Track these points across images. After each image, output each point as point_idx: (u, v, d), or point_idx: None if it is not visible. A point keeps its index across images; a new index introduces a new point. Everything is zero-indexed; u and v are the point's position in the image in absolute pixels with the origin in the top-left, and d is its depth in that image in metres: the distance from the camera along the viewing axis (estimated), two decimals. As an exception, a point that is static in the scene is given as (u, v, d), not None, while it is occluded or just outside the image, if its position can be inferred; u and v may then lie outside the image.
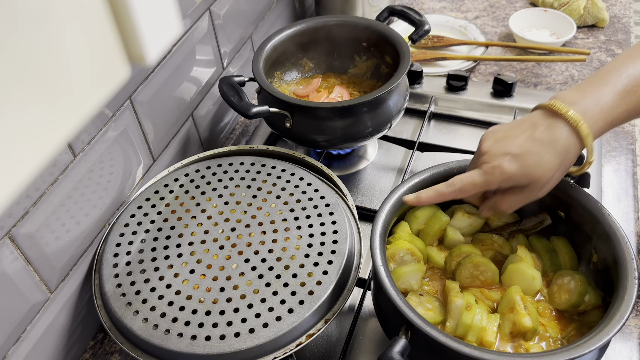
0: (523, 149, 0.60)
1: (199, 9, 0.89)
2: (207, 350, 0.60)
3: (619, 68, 0.62)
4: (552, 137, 0.60)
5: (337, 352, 0.74)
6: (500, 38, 1.26)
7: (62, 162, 0.66)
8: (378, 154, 1.01)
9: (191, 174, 0.80)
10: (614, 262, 0.62)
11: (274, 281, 0.65)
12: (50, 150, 0.23)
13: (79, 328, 0.75)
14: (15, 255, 0.62)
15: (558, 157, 0.60)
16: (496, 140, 0.63)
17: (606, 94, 0.61)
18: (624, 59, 0.63)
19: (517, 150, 0.61)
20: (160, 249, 0.70)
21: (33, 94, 0.21)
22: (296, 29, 0.98)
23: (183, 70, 0.88)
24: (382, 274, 0.60)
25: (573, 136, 0.60)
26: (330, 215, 0.72)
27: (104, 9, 0.23)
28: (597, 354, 0.60)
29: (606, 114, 0.61)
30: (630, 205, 0.88)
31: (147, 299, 0.64)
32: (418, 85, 1.09)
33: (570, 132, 0.60)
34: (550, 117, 0.61)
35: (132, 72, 0.57)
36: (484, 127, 1.04)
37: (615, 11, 1.29)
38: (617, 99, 0.61)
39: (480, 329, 0.63)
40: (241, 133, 1.10)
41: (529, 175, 0.61)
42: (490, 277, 0.69)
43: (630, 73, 0.62)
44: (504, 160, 0.61)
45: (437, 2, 1.38)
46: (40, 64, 0.21)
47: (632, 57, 0.63)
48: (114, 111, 0.75)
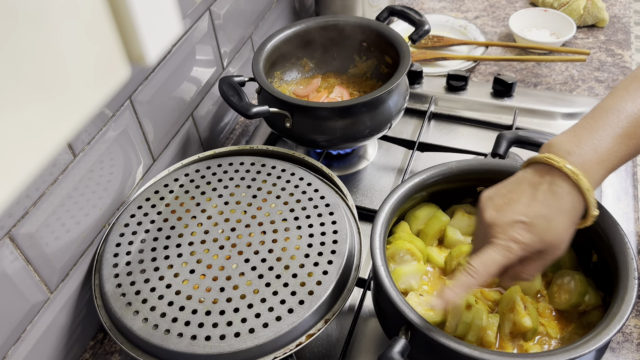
0: (531, 215, 0.55)
1: (199, 9, 0.89)
2: (207, 350, 0.60)
3: (617, 107, 0.57)
4: (555, 197, 0.55)
5: (337, 352, 0.74)
6: (500, 38, 1.26)
7: (62, 162, 0.66)
8: (378, 154, 1.01)
9: (191, 174, 0.80)
10: (614, 262, 0.62)
11: (274, 281, 0.65)
12: (50, 150, 0.23)
13: (79, 328, 0.75)
14: (15, 255, 0.62)
15: (567, 215, 0.56)
16: (497, 208, 0.57)
17: (604, 139, 0.56)
18: (621, 93, 0.58)
19: (525, 218, 0.55)
20: (160, 249, 0.70)
21: (32, 94, 0.21)
22: (296, 29, 0.98)
23: (183, 70, 0.88)
24: (382, 274, 0.60)
25: (574, 191, 0.55)
26: (330, 215, 0.72)
27: (103, 9, 0.23)
28: (596, 354, 0.60)
29: (605, 162, 0.56)
30: (630, 205, 0.88)
31: (147, 299, 0.64)
32: (418, 85, 1.09)
33: (572, 187, 0.55)
34: (547, 174, 0.56)
35: (132, 72, 0.57)
36: (484, 127, 1.04)
37: (615, 11, 1.29)
38: (616, 144, 0.56)
39: (480, 329, 0.63)
40: (241, 133, 1.10)
41: (543, 242, 0.56)
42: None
43: (630, 113, 0.57)
44: (514, 231, 0.55)
45: (437, 2, 1.38)
46: (39, 63, 0.21)
47: (629, 90, 0.58)
48: (114, 111, 0.75)
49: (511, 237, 0.55)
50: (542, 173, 0.57)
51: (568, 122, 1.01)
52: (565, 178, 0.55)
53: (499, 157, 0.74)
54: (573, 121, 1.01)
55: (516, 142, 0.76)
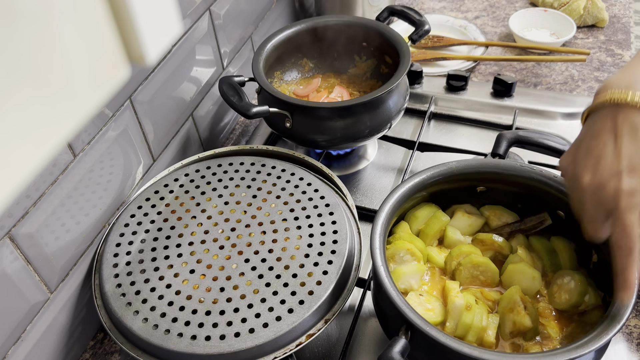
0: (625, 160, 0.54)
1: (199, 9, 0.89)
2: (207, 350, 0.60)
3: None
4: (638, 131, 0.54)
5: (337, 352, 0.74)
6: (500, 38, 1.26)
7: (62, 162, 0.66)
8: (378, 154, 1.01)
9: (191, 174, 0.80)
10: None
11: (274, 281, 0.65)
12: (50, 150, 0.23)
13: (79, 328, 0.75)
14: (15, 255, 0.62)
15: None
16: (591, 170, 0.56)
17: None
18: None
19: (624, 167, 0.54)
20: (160, 249, 0.70)
21: (32, 94, 0.21)
22: (296, 29, 0.98)
23: (183, 70, 0.88)
24: (382, 274, 0.60)
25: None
26: (330, 215, 0.72)
27: (104, 9, 0.23)
28: (596, 354, 0.60)
29: None
30: (630, 205, 0.88)
31: (147, 299, 0.64)
32: (418, 85, 1.09)
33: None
34: (618, 114, 0.55)
35: (132, 72, 0.57)
36: (484, 127, 1.04)
37: (615, 11, 1.29)
38: None
39: (480, 329, 0.63)
40: (241, 133, 1.10)
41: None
42: (490, 277, 0.69)
43: None
44: (624, 183, 0.54)
45: (437, 2, 1.38)
46: (39, 63, 0.21)
47: None
48: (114, 111, 0.75)
49: (626, 188, 0.53)
50: (612, 116, 0.56)
51: (568, 122, 1.01)
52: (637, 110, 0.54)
53: (499, 157, 0.74)
54: (573, 121, 1.01)
55: (516, 142, 0.76)
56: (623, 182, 0.54)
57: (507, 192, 0.74)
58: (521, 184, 0.72)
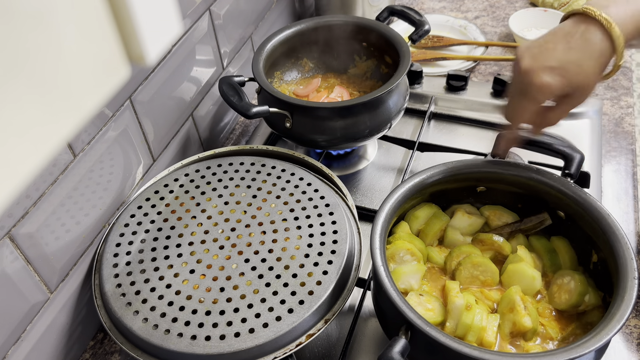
0: (563, 61, 0.61)
1: (199, 9, 0.89)
2: (207, 350, 0.60)
3: None
4: (587, 43, 0.61)
5: (337, 352, 0.74)
6: (500, 38, 1.26)
7: (62, 162, 0.66)
8: (378, 154, 1.01)
9: (191, 174, 0.80)
10: (614, 262, 0.62)
11: (274, 281, 0.65)
12: (50, 150, 0.23)
13: (79, 328, 0.75)
14: (15, 255, 0.62)
15: (596, 62, 0.61)
16: (533, 56, 0.63)
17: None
18: None
19: (557, 63, 0.61)
20: (160, 249, 0.70)
21: (32, 94, 0.21)
22: (296, 29, 0.98)
23: (183, 70, 0.88)
24: (382, 274, 0.60)
25: (606, 39, 0.61)
26: (330, 215, 0.72)
27: (103, 9, 0.23)
28: (596, 354, 0.60)
29: (637, 18, 0.61)
30: (630, 205, 0.88)
31: (147, 299, 0.64)
32: (418, 85, 1.09)
33: (603, 35, 0.60)
34: (582, 23, 0.62)
35: (132, 72, 0.57)
36: (484, 128, 1.04)
37: (615, 11, 1.29)
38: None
39: (480, 329, 0.63)
40: (241, 133, 1.10)
41: (572, 85, 0.62)
42: (490, 277, 0.69)
43: None
44: (547, 75, 0.61)
45: (437, 2, 1.38)
46: (39, 63, 0.21)
47: None
48: (114, 111, 0.75)
49: (543, 82, 0.61)
50: (578, 22, 0.62)
51: (567, 121, 1.01)
52: (599, 26, 0.60)
53: (499, 157, 0.74)
54: (573, 121, 1.01)
55: (516, 142, 0.76)
56: (545, 76, 0.61)
57: (507, 192, 0.74)
58: (521, 184, 0.72)
